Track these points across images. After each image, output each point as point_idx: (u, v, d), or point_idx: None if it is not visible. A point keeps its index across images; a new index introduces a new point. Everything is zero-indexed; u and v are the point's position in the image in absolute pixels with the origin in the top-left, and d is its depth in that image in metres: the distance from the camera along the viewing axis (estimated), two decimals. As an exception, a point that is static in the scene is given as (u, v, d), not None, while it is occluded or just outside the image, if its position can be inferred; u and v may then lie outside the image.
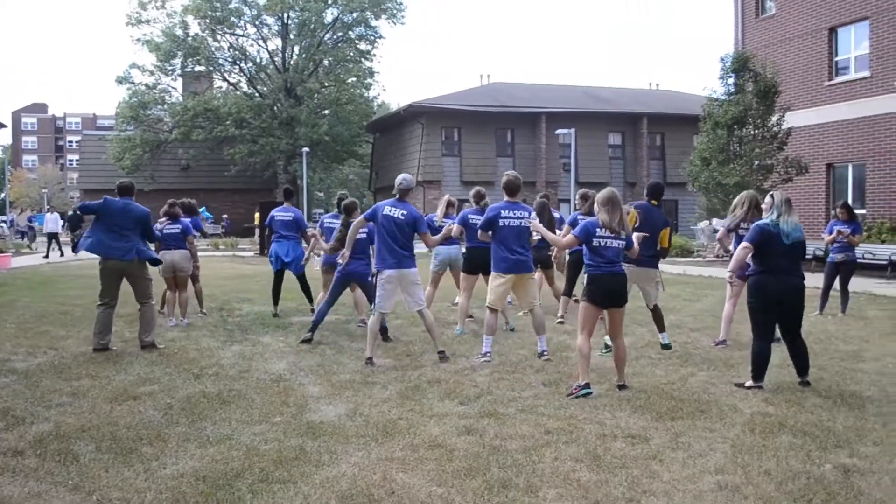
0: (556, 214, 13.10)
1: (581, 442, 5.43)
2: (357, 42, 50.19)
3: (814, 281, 9.74)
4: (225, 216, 47.78)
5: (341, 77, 49.44)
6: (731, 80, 23.64)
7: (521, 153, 41.99)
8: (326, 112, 49.08)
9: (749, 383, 7.09)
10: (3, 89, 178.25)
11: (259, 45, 50.57)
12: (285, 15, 47.79)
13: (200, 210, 12.96)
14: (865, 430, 5.74)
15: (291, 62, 49.04)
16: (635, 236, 7.65)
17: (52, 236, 28.99)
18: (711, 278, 18.44)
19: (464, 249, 11.01)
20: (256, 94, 49.28)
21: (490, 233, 8.57)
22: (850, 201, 22.06)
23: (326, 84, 48.77)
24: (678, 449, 5.27)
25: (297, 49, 49.46)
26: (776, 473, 4.77)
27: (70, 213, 31.76)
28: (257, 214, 37.53)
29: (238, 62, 50.20)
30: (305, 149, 42.23)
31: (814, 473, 4.77)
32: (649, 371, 7.78)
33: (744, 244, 7.25)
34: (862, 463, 4.97)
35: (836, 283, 12.22)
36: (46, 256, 27.47)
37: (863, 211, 22.37)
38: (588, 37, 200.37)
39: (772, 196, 7.30)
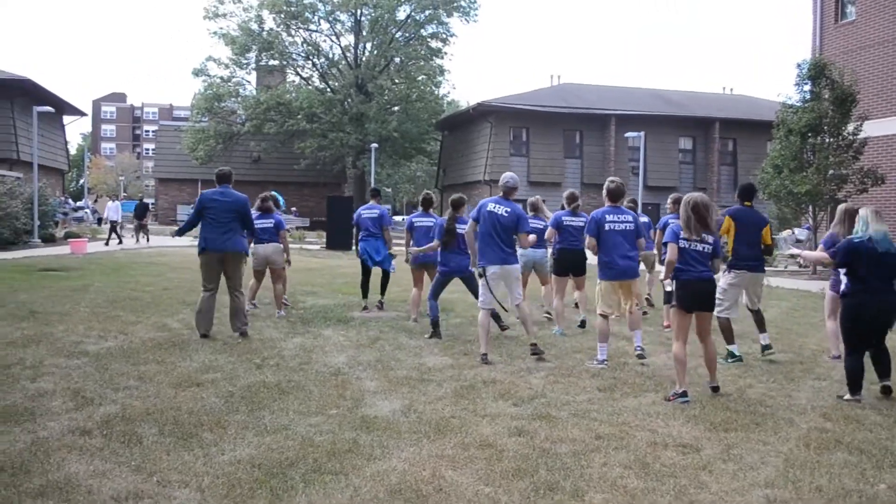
0: (644, 219, 13.10)
1: (631, 449, 5.44)
2: (429, 40, 50.44)
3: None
4: (294, 209, 48.55)
5: (412, 74, 49.74)
6: (806, 87, 23.08)
7: (590, 155, 41.76)
8: (396, 108, 49.41)
9: (847, 396, 7.06)
10: (85, 78, 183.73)
11: (332, 41, 51.26)
12: (358, 12, 48.25)
13: (272, 193, 13.30)
14: (926, 450, 5.62)
15: (363, 59, 49.51)
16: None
17: (113, 224, 29.33)
18: (780, 289, 18.08)
19: (550, 251, 11.09)
20: (328, 90, 49.86)
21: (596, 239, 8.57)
22: (927, 214, 21.49)
23: (397, 81, 49.10)
24: (729, 461, 5.24)
25: (369, 46, 49.90)
26: (827, 490, 4.72)
27: (138, 201, 32.51)
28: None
29: (311, 57, 50.88)
30: (374, 144, 42.62)
31: (866, 492, 4.71)
32: (706, 381, 7.70)
33: (828, 257, 7.43)
34: (918, 484, 4.88)
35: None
36: (120, 243, 28.22)
37: (941, 225, 21.69)
38: (658, 38, 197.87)
39: (858, 211, 7.40)
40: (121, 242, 28.31)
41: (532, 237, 9.33)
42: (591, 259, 10.45)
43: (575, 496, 4.55)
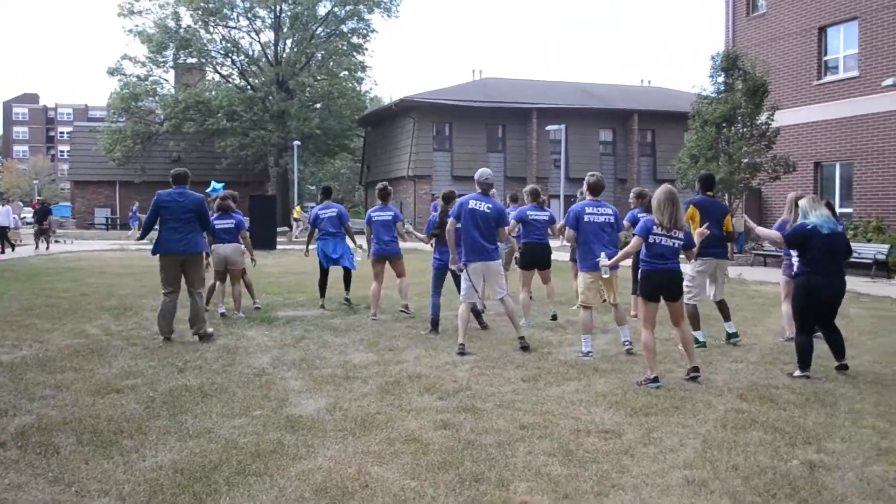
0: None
1: (555, 437, 5.52)
2: (350, 36, 50.20)
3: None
4: (215, 208, 47.73)
5: (333, 71, 49.47)
6: (720, 79, 23.69)
7: (512, 149, 42.11)
8: (318, 106, 49.08)
9: (797, 373, 7.45)
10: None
11: (251, 38, 50.66)
12: (278, 7, 47.74)
13: (220, 186, 13.10)
14: (835, 426, 5.85)
15: (284, 55, 49.01)
16: (697, 233, 7.87)
17: (3, 230, 27.06)
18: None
19: (519, 245, 11.18)
20: (248, 87, 49.22)
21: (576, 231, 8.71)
22: (837, 200, 22.31)
23: (318, 77, 48.76)
24: (650, 444, 5.37)
25: (289, 42, 49.42)
26: (743, 469, 4.87)
27: (39, 206, 31.27)
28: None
29: (230, 54, 50.13)
30: (296, 142, 42.25)
31: (780, 469, 4.87)
32: (628, 367, 7.87)
33: (782, 238, 7.89)
34: (828, 459, 5.07)
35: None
36: (3, 251, 26.20)
37: (849, 210, 22.52)
38: (577, 32, 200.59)
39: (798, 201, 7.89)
40: (6, 249, 26.52)
41: (507, 230, 9.59)
42: (556, 254, 10.68)
43: (500, 486, 4.60)
